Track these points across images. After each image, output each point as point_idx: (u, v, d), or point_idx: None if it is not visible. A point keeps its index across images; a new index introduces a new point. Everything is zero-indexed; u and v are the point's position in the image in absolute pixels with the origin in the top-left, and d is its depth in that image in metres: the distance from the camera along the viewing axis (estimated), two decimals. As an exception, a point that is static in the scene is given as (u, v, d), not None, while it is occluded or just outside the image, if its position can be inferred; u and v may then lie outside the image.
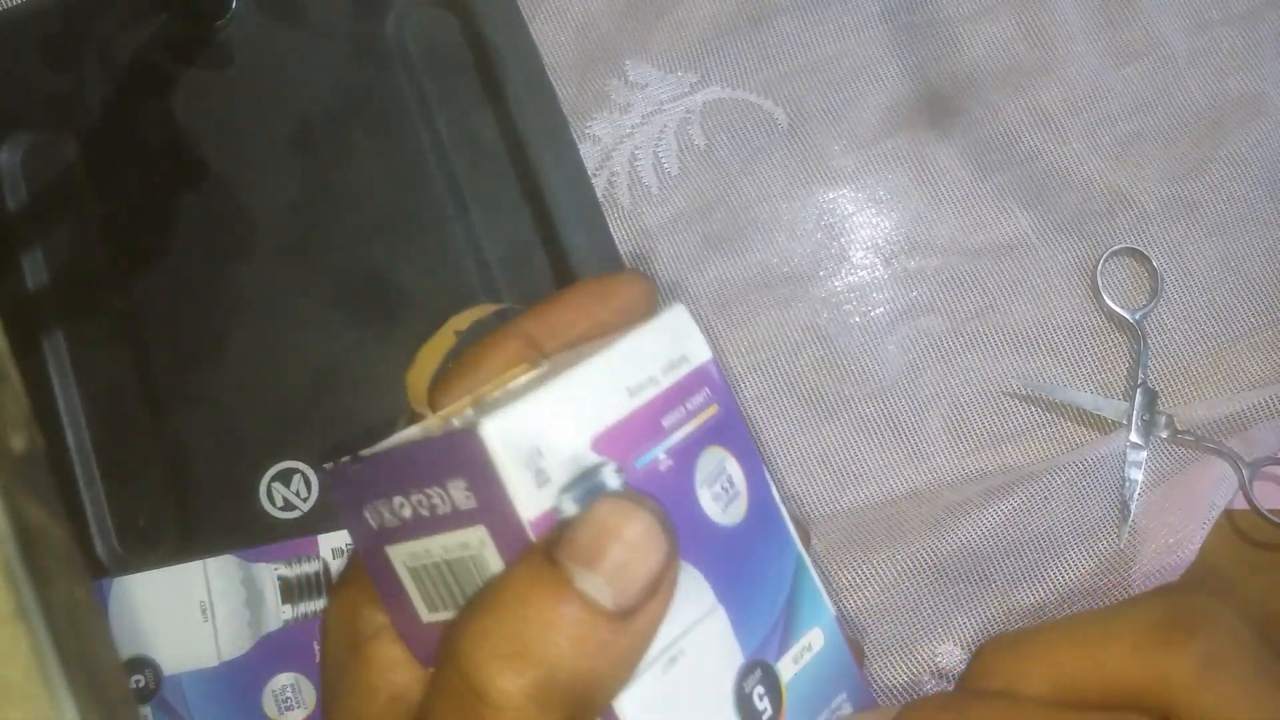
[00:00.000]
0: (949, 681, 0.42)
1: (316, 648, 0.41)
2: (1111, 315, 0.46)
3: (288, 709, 0.40)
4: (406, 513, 0.23)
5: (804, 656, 0.24)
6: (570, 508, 0.22)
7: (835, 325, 0.46)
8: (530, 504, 0.21)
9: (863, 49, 0.49)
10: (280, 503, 0.42)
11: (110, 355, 0.44)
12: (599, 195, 0.46)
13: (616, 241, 0.46)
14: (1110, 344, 0.46)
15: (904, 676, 0.42)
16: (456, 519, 0.22)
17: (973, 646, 0.42)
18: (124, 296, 0.44)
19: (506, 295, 0.44)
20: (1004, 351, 0.46)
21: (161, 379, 0.43)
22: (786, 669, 0.23)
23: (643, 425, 0.23)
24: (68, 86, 0.45)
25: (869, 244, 0.47)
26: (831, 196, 0.47)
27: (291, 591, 0.41)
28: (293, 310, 0.44)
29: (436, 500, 0.22)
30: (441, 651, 0.22)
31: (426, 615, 0.24)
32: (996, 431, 0.45)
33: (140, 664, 0.40)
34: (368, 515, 0.24)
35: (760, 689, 0.23)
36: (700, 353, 0.25)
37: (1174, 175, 0.48)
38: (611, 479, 0.22)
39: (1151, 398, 0.44)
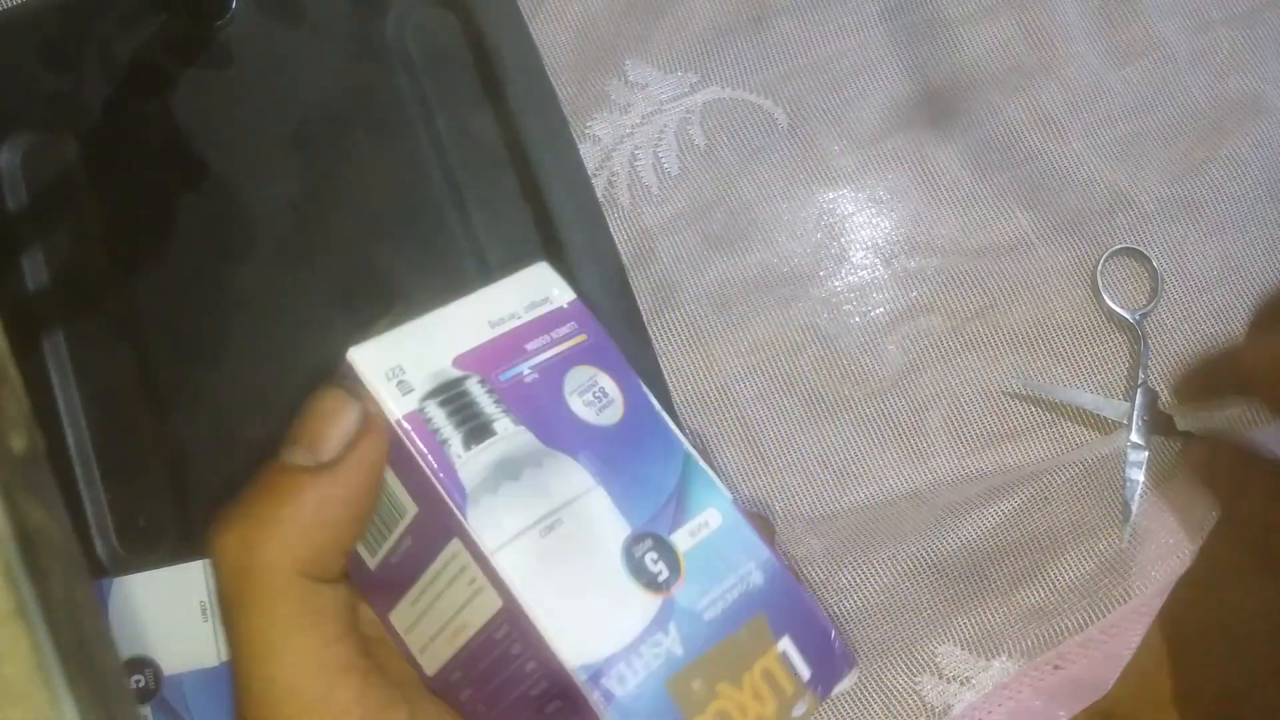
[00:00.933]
0: (949, 682, 0.42)
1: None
2: (1111, 315, 0.46)
3: (288, 709, 0.40)
4: None
5: (701, 531, 0.27)
6: (435, 411, 0.26)
7: (835, 325, 0.46)
8: (395, 406, 0.26)
9: (863, 49, 0.49)
10: (280, 503, 0.42)
11: (110, 355, 0.44)
12: (599, 195, 0.46)
13: (616, 241, 0.46)
14: (1111, 344, 0.46)
15: (904, 677, 0.42)
16: None
17: (973, 647, 0.42)
18: (124, 296, 0.44)
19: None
20: (1004, 351, 0.46)
21: (161, 379, 0.43)
22: (683, 540, 0.27)
23: (505, 348, 0.28)
24: (68, 86, 0.45)
25: (869, 244, 0.47)
26: (831, 196, 0.47)
27: (291, 591, 0.41)
28: (293, 310, 0.44)
29: None
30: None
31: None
32: (996, 431, 0.45)
33: (140, 664, 0.40)
34: None
35: (653, 554, 0.26)
36: (564, 296, 0.30)
37: (1174, 175, 0.48)
38: (474, 388, 0.27)
39: (1152, 398, 0.44)
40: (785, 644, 0.27)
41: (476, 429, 0.26)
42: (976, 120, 0.48)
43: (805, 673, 0.27)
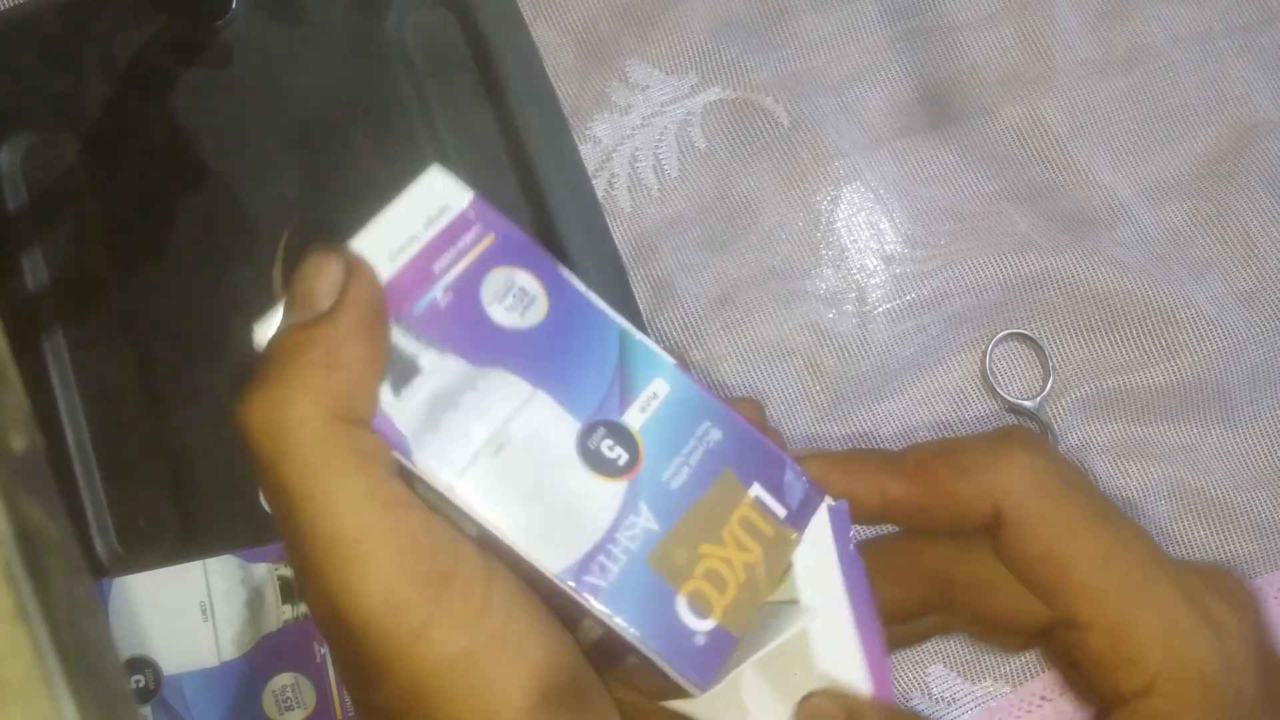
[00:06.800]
0: (939, 703, 0.42)
1: (316, 647, 0.41)
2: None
3: (288, 709, 0.40)
4: None
5: (651, 404, 0.28)
6: None
7: (834, 325, 0.46)
8: None
9: (864, 53, 0.49)
10: (280, 503, 0.42)
11: (110, 355, 0.44)
12: (599, 196, 0.46)
13: (616, 242, 0.46)
14: (1110, 345, 0.46)
15: (898, 688, 0.42)
16: None
17: (963, 668, 0.42)
18: (124, 296, 0.44)
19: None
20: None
21: (161, 379, 0.43)
22: (635, 418, 0.27)
23: (412, 277, 0.27)
24: (68, 86, 0.45)
25: (868, 244, 0.47)
26: (831, 197, 0.47)
27: (291, 591, 0.41)
28: (293, 310, 0.44)
29: None
30: None
31: None
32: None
33: (140, 664, 0.40)
34: None
35: (609, 441, 0.27)
36: (460, 200, 0.29)
37: (1172, 183, 0.48)
38: (390, 332, 0.27)
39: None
40: (756, 490, 0.27)
41: (401, 372, 0.26)
42: (976, 123, 0.48)
43: (781, 511, 0.27)
